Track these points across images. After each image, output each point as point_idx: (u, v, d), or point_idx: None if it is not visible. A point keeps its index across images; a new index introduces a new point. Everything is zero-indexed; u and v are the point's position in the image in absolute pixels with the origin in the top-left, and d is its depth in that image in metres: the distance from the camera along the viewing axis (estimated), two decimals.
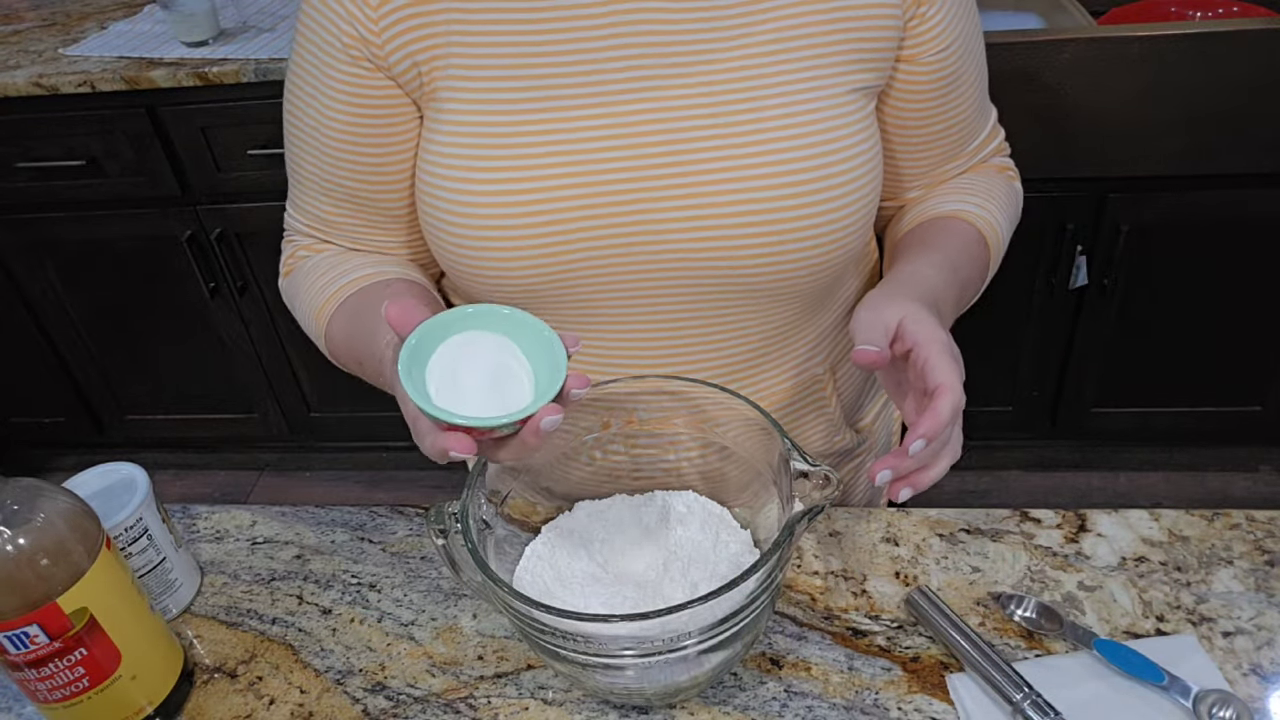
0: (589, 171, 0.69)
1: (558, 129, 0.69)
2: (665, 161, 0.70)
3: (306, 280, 0.81)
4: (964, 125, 0.80)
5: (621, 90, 0.69)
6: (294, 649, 0.75)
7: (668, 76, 0.69)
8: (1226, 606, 0.70)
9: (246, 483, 2.35)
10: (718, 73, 0.69)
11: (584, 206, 0.70)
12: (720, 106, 0.69)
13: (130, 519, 0.73)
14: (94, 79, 1.70)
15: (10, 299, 2.04)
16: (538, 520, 0.75)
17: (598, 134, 0.69)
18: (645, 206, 0.70)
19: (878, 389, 0.94)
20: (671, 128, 0.69)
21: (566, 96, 0.69)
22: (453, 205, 0.71)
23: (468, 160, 0.70)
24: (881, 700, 0.66)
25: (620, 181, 0.70)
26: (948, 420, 0.61)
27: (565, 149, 0.69)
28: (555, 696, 0.69)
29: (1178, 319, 1.79)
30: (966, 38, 0.75)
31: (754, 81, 0.69)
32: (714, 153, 0.69)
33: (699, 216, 0.70)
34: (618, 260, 0.72)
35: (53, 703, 0.65)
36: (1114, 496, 2.01)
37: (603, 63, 0.69)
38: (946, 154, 0.81)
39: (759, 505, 0.71)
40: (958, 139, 0.81)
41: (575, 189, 0.70)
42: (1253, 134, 1.56)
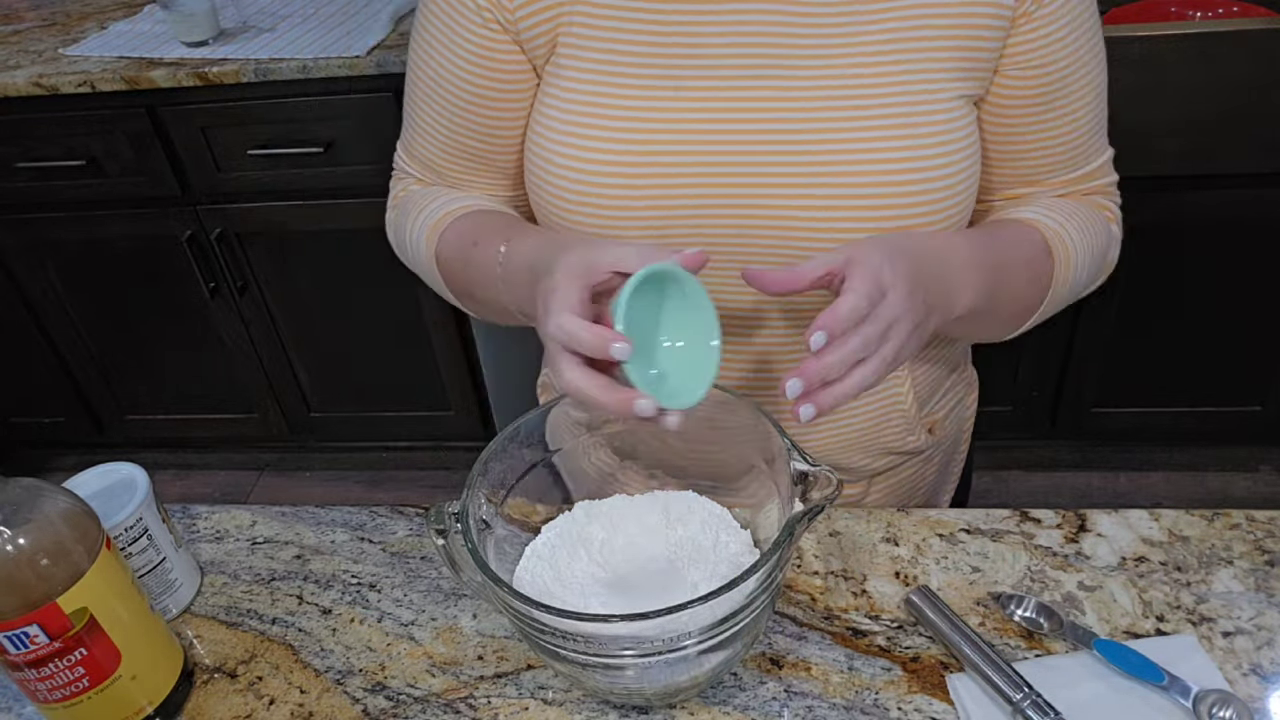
0: (694, 151, 0.72)
1: (669, 106, 0.72)
2: (770, 150, 0.71)
3: (423, 201, 0.84)
4: (1056, 151, 0.79)
5: (736, 76, 0.71)
6: (294, 649, 0.75)
7: (783, 68, 0.71)
8: (1226, 606, 0.70)
9: (246, 483, 2.35)
10: (831, 70, 0.71)
11: (684, 184, 0.72)
12: (830, 103, 0.71)
13: (130, 519, 0.73)
14: (94, 79, 1.70)
15: (10, 299, 2.04)
16: (538, 520, 0.75)
17: (707, 116, 0.71)
18: (745, 191, 0.72)
19: (951, 387, 0.94)
20: (781, 118, 0.71)
21: (682, 76, 0.71)
22: (561, 167, 0.74)
23: (580, 125, 0.73)
24: (881, 700, 0.66)
25: (723, 165, 0.72)
26: (844, 317, 0.59)
27: (674, 126, 0.72)
28: (555, 696, 0.69)
29: (1178, 319, 1.79)
30: (1070, 66, 0.74)
31: (864, 82, 0.70)
32: (818, 147, 0.71)
33: (796, 207, 0.72)
34: (709, 241, 0.74)
35: (53, 703, 0.65)
36: (1114, 496, 2.01)
37: (721, 48, 0.71)
38: (1033, 174, 0.80)
39: (759, 505, 0.71)
40: (1047, 163, 0.79)
41: (679, 167, 0.72)
42: (1253, 134, 1.55)
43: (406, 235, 0.84)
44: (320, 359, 2.09)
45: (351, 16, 1.81)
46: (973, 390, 0.99)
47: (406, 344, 2.03)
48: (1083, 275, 0.80)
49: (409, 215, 0.84)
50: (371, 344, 2.04)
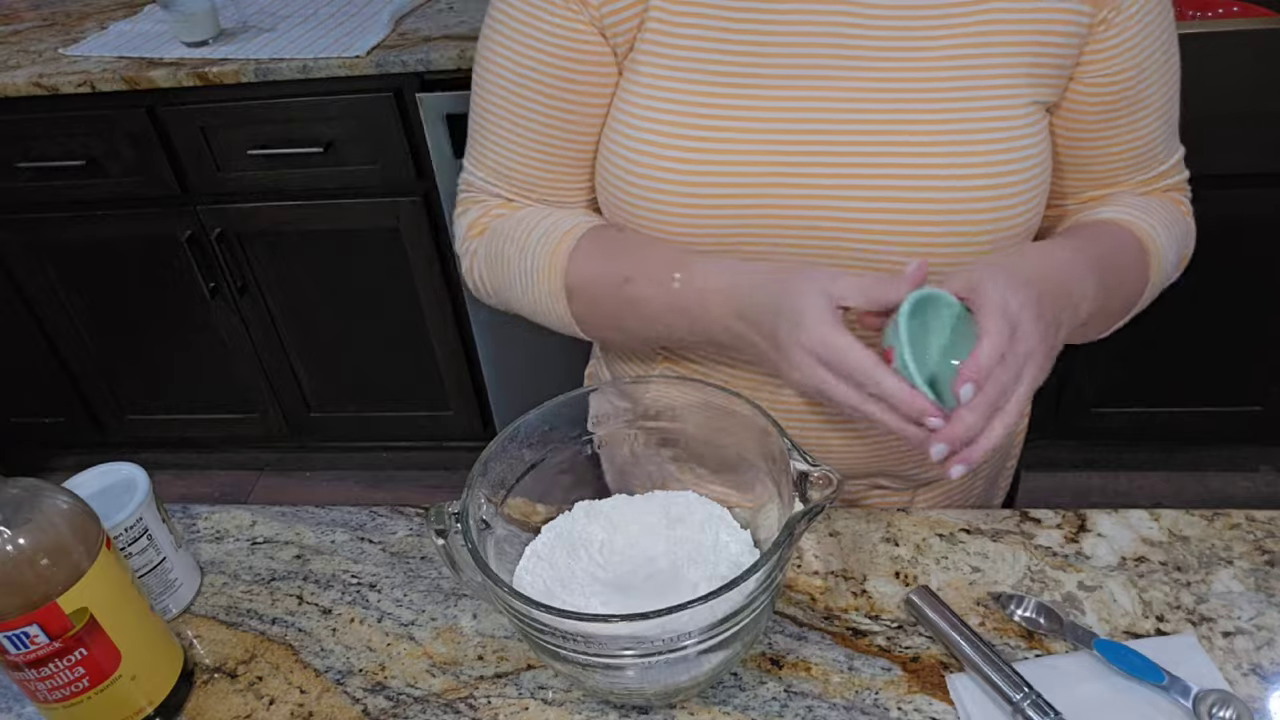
0: (769, 150, 0.72)
1: (745, 104, 0.72)
2: (844, 152, 0.71)
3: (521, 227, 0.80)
4: (1129, 155, 0.79)
5: (813, 76, 0.71)
6: (294, 649, 0.75)
7: (860, 69, 0.71)
8: (1226, 606, 0.70)
9: (246, 483, 2.35)
10: (908, 72, 0.71)
11: (758, 182, 0.72)
12: (906, 105, 0.71)
13: (130, 519, 0.73)
14: (94, 79, 1.70)
15: (10, 299, 2.04)
16: (538, 520, 0.75)
17: (783, 114, 0.71)
18: (819, 192, 0.72)
19: None
20: (856, 119, 0.71)
21: (759, 74, 0.71)
22: (636, 162, 0.74)
23: (656, 121, 0.73)
24: (881, 700, 0.66)
25: (798, 164, 0.72)
26: (986, 366, 0.60)
27: (749, 124, 0.72)
28: (555, 696, 0.69)
29: (1178, 319, 1.79)
30: (1144, 72, 0.75)
31: (941, 85, 0.71)
32: (892, 150, 0.71)
33: (869, 210, 0.72)
34: (781, 239, 0.74)
35: (53, 703, 0.65)
36: (1114, 496, 2.01)
37: (798, 47, 0.71)
38: (1107, 177, 0.80)
39: (759, 505, 0.71)
40: (1122, 165, 0.80)
41: (753, 165, 0.72)
42: (1253, 134, 1.55)
43: (514, 268, 0.80)
44: (320, 359, 2.09)
45: (351, 16, 1.81)
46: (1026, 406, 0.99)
47: (406, 344, 2.03)
48: (1169, 269, 0.81)
49: (508, 244, 0.81)
50: (371, 344, 2.04)
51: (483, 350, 1.99)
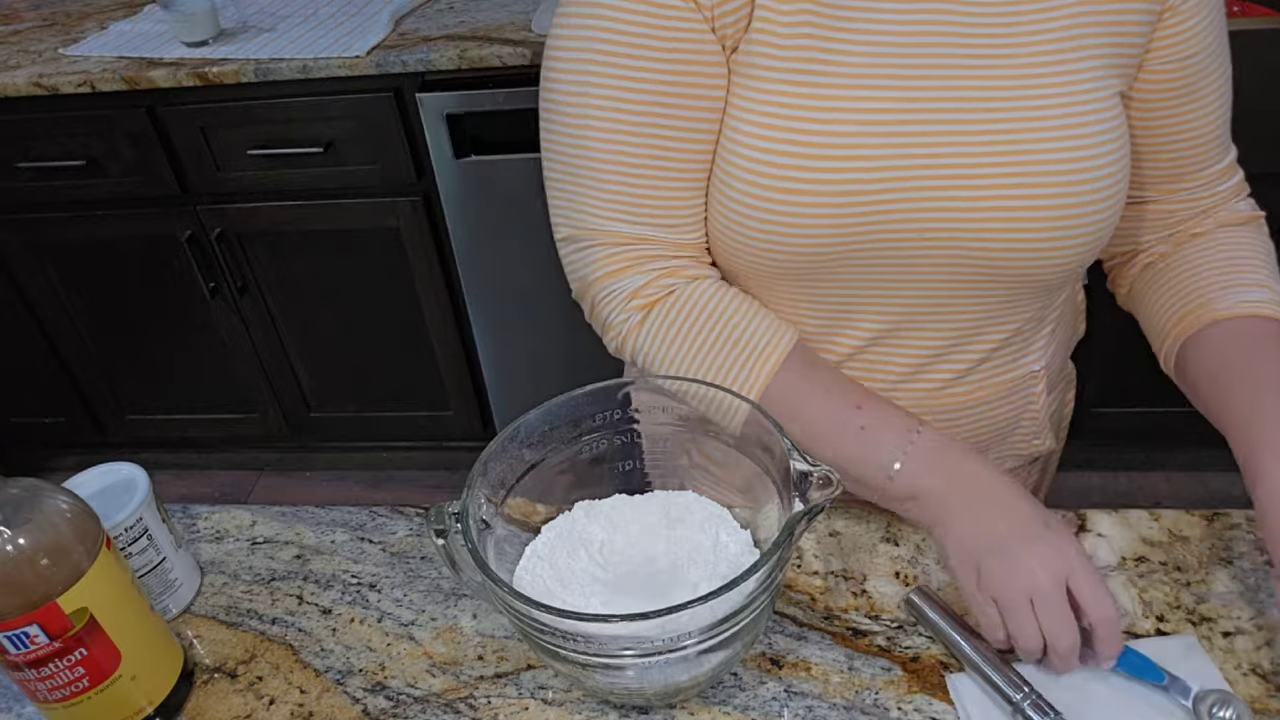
0: (883, 150, 0.71)
1: (858, 107, 0.71)
2: (953, 150, 0.71)
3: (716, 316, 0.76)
4: (1195, 145, 0.80)
5: (922, 77, 0.71)
6: (294, 649, 0.75)
7: (967, 65, 0.71)
8: (1226, 606, 0.70)
9: (246, 483, 2.35)
10: (1009, 70, 0.71)
11: (875, 186, 0.72)
12: (1009, 103, 0.71)
13: (130, 519, 0.73)
14: (94, 79, 1.70)
15: (10, 299, 2.04)
16: (538, 520, 0.75)
17: (896, 116, 0.71)
18: (931, 192, 0.72)
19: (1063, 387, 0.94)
20: (965, 119, 0.71)
21: (869, 77, 0.71)
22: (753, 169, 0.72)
23: (770, 129, 0.71)
24: (881, 700, 0.66)
25: (910, 164, 0.71)
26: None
27: (863, 127, 0.71)
28: (555, 696, 0.69)
29: None
30: (1207, 58, 0.76)
31: (1039, 81, 0.71)
32: (999, 146, 0.71)
33: (979, 206, 0.72)
34: (896, 241, 0.73)
35: (53, 703, 0.65)
36: (1114, 496, 2.01)
37: (906, 48, 0.71)
38: (1178, 169, 0.81)
39: (759, 505, 0.71)
40: (1191, 156, 0.80)
41: (868, 168, 0.71)
42: (1253, 134, 1.55)
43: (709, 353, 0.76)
44: (320, 359, 2.09)
45: (351, 16, 1.81)
46: (1072, 386, 0.99)
47: (406, 344, 2.03)
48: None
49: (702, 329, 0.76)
50: (371, 344, 2.04)
51: (483, 350, 2.00)
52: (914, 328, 0.79)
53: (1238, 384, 0.73)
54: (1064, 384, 0.96)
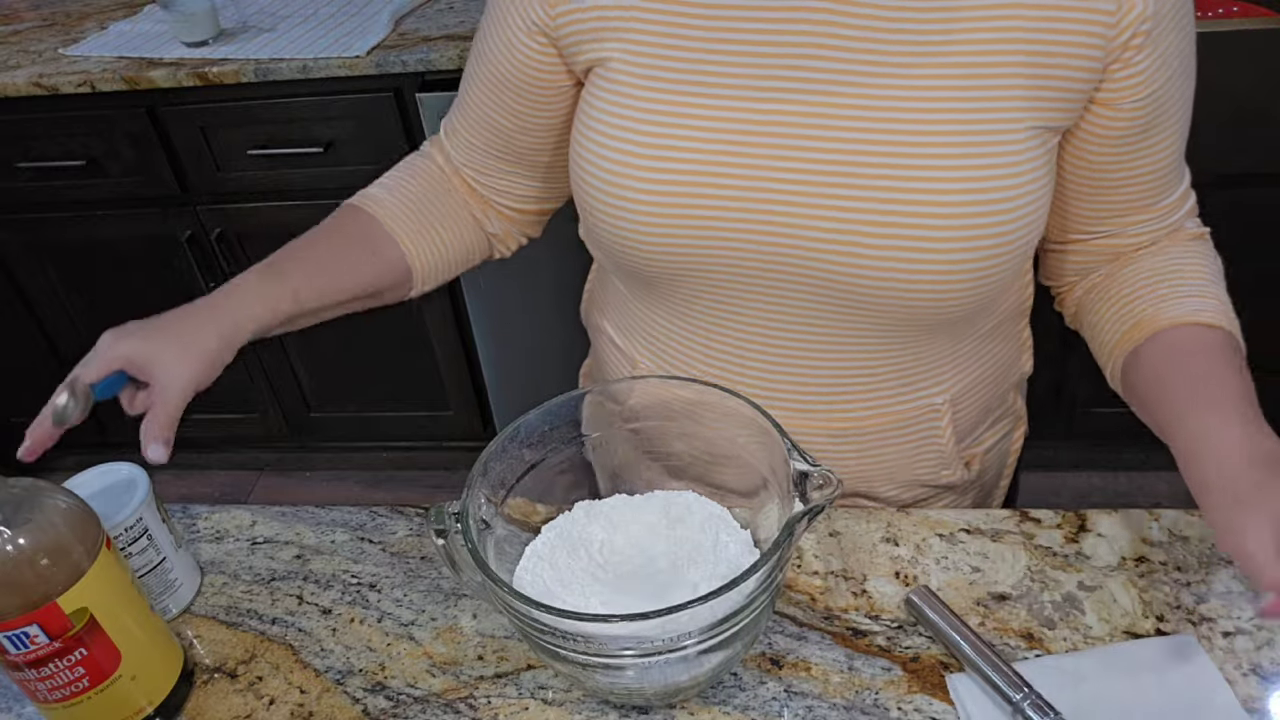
0: (740, 163, 0.70)
1: (718, 115, 0.71)
2: (814, 169, 0.69)
3: (401, 165, 0.93)
4: (1151, 180, 0.76)
5: (789, 91, 0.69)
6: (294, 649, 0.75)
7: (838, 85, 0.69)
8: (1226, 606, 0.70)
9: (246, 483, 2.35)
10: (891, 91, 0.68)
11: (726, 195, 0.71)
12: (885, 124, 0.68)
13: (130, 519, 0.73)
14: (94, 79, 1.70)
15: (10, 299, 2.04)
16: (538, 520, 0.75)
17: (755, 128, 0.70)
18: (786, 209, 0.70)
19: (995, 421, 0.91)
20: (828, 136, 0.69)
21: (734, 86, 0.70)
22: (604, 170, 0.74)
23: (626, 128, 0.73)
24: (881, 700, 0.66)
25: (767, 179, 0.70)
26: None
27: (721, 135, 0.71)
28: (555, 696, 0.69)
29: None
30: (1169, 93, 0.72)
31: (927, 106, 0.68)
32: (866, 169, 0.68)
33: (839, 228, 0.69)
34: (748, 254, 0.73)
35: (53, 703, 0.65)
36: (1114, 496, 2.01)
37: (777, 60, 0.69)
38: (1128, 206, 0.77)
39: (759, 505, 0.71)
40: (1141, 193, 0.76)
41: (722, 176, 0.71)
42: (1253, 134, 1.55)
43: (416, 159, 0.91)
44: (320, 359, 2.09)
45: (351, 16, 1.81)
46: (1020, 425, 0.97)
47: (406, 344, 2.03)
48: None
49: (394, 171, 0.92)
50: (371, 344, 2.04)
51: (483, 350, 1.99)
52: (797, 351, 0.78)
53: (1173, 389, 0.73)
54: (1010, 421, 0.94)
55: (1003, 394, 0.90)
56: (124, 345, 0.73)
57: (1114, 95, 0.70)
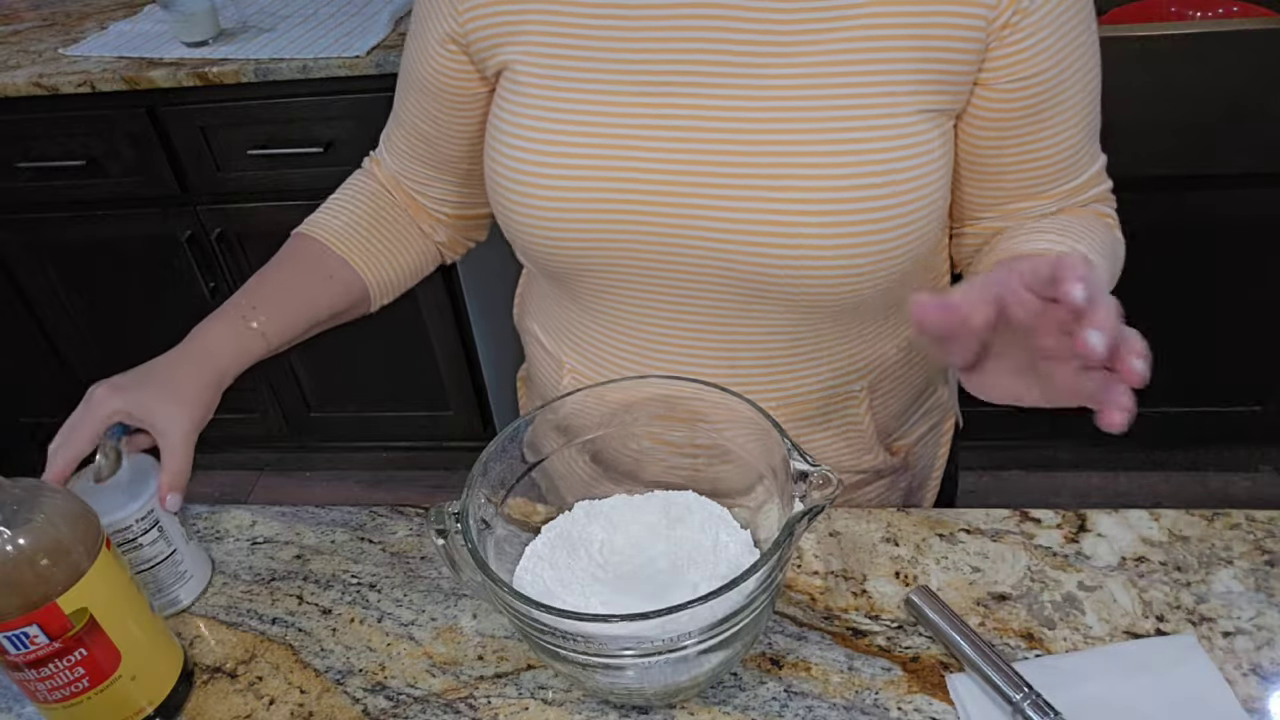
0: (636, 160, 0.72)
1: (613, 112, 0.72)
2: (710, 161, 0.71)
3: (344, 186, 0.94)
4: (1049, 164, 0.75)
5: (681, 85, 0.71)
6: (294, 649, 0.75)
7: (728, 77, 0.70)
8: (1226, 606, 0.70)
9: (246, 483, 2.35)
10: (779, 81, 0.69)
11: (625, 190, 0.72)
12: (775, 115, 0.70)
13: (141, 510, 0.73)
14: (94, 79, 1.70)
15: (11, 299, 2.04)
16: (538, 520, 0.75)
17: (651, 125, 0.72)
18: (683, 201, 0.72)
19: (924, 413, 0.92)
20: (720, 127, 0.70)
21: (628, 83, 0.72)
22: (508, 169, 0.76)
23: (531, 130, 0.75)
24: (881, 700, 0.66)
25: (664, 174, 0.72)
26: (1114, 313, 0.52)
27: (616, 132, 0.72)
28: (555, 696, 0.69)
29: (1176, 319, 1.79)
30: (1061, 74, 0.71)
31: (815, 94, 0.69)
32: (759, 157, 0.70)
33: (736, 218, 0.71)
34: (651, 247, 0.74)
35: (53, 703, 0.65)
36: (1114, 496, 2.01)
37: (668, 55, 0.71)
38: (1023, 189, 0.77)
39: (759, 505, 0.71)
40: (1039, 177, 0.76)
41: (619, 171, 0.72)
42: (1252, 134, 1.55)
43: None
44: (320, 359, 2.09)
45: (351, 16, 1.81)
46: (949, 418, 0.97)
47: (406, 344, 2.03)
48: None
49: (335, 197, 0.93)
50: (371, 344, 2.04)
51: (483, 350, 1.99)
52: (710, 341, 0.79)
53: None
54: (938, 413, 0.94)
55: (919, 384, 0.90)
56: (119, 400, 0.74)
57: (992, 76, 0.71)
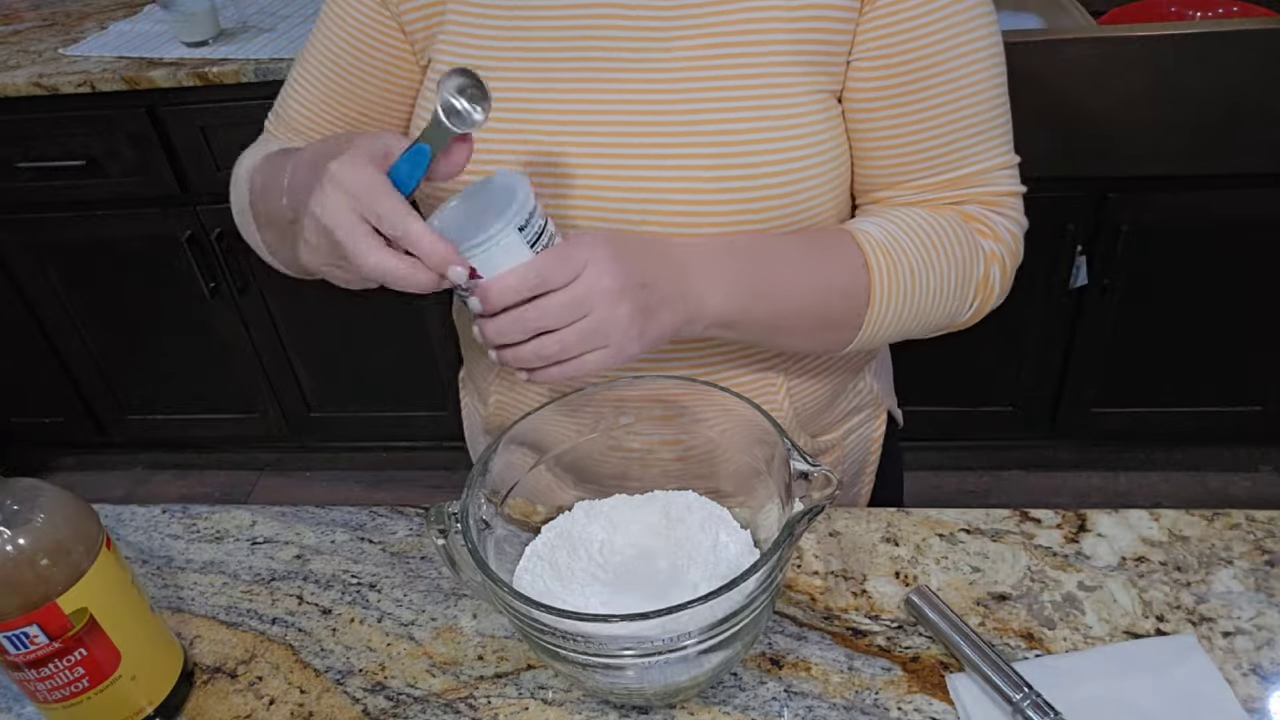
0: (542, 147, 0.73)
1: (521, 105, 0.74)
2: (610, 145, 0.72)
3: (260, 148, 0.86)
4: (921, 151, 0.74)
5: (584, 72, 0.73)
6: (294, 649, 0.75)
7: (619, 68, 0.72)
8: (1226, 606, 0.70)
9: (246, 483, 2.35)
10: (669, 66, 0.71)
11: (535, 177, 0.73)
12: (666, 98, 0.71)
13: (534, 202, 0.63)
14: (94, 79, 1.70)
15: (11, 299, 2.04)
16: (538, 520, 0.75)
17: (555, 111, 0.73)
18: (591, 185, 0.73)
19: (852, 408, 0.92)
20: (620, 116, 0.72)
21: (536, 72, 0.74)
22: None
23: None
24: (881, 700, 0.66)
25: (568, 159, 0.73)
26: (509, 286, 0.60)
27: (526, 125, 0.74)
28: (555, 696, 0.69)
29: (1178, 319, 1.79)
30: (927, 59, 0.70)
31: (705, 79, 0.70)
32: (654, 142, 0.71)
33: (643, 206, 0.72)
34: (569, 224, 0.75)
35: (53, 703, 0.65)
36: (1114, 496, 2.01)
37: (570, 44, 0.73)
38: (894, 175, 0.75)
39: (759, 505, 0.71)
40: (908, 163, 0.74)
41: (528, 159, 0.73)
42: (1253, 134, 1.56)
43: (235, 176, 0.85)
44: (320, 359, 2.09)
45: None
46: (880, 413, 0.97)
47: (406, 344, 2.03)
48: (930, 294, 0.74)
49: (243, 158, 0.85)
50: (371, 344, 2.04)
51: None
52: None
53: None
54: (869, 409, 0.94)
55: (841, 377, 0.89)
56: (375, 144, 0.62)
57: (859, 54, 0.71)
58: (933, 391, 1.90)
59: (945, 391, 1.92)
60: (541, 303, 0.61)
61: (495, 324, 0.62)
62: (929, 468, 2.10)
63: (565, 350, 0.62)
